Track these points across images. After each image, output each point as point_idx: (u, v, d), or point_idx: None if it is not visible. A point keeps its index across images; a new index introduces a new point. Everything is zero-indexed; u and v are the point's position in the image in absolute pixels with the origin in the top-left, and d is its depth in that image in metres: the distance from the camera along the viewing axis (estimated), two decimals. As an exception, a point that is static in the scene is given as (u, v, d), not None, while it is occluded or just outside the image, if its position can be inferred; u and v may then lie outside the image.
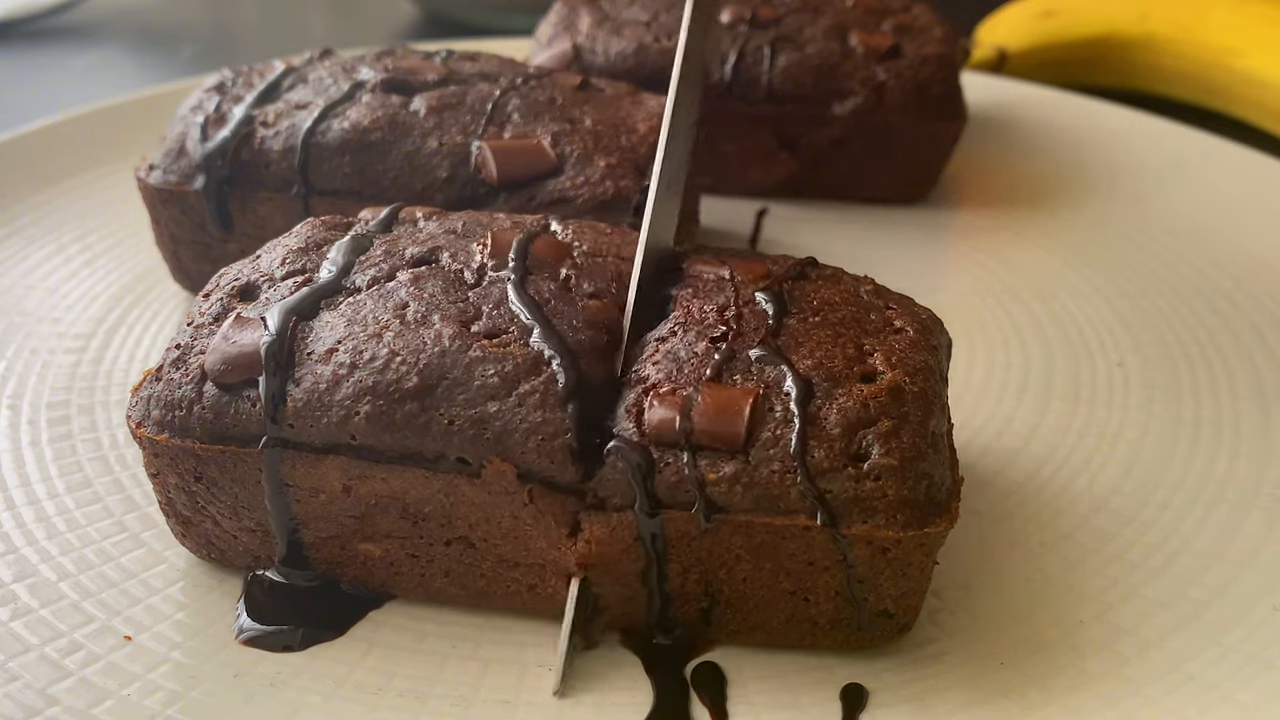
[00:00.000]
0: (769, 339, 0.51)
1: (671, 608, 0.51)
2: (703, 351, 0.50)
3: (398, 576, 0.53)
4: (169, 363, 0.52)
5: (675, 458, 0.47)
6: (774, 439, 0.47)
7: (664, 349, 0.51)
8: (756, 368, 0.49)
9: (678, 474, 0.47)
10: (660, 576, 0.49)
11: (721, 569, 0.49)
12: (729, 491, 0.47)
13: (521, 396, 0.48)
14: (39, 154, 0.93)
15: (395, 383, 0.49)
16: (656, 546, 0.48)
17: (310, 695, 0.49)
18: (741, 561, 0.49)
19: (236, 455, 0.50)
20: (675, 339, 0.51)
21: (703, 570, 0.49)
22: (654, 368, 0.50)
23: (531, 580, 0.52)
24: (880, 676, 0.50)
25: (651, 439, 0.48)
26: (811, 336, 0.51)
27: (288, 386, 0.49)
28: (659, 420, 0.48)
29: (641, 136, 0.73)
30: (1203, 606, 0.53)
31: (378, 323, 0.51)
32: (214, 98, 0.76)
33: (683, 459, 0.47)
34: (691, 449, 0.47)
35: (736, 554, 0.49)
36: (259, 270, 0.56)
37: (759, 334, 0.51)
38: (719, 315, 0.52)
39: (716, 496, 0.47)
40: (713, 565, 0.49)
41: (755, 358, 0.50)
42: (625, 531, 0.48)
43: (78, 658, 0.50)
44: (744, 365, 0.50)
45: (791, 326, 0.52)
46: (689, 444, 0.47)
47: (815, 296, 0.54)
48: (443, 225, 0.58)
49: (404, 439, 0.49)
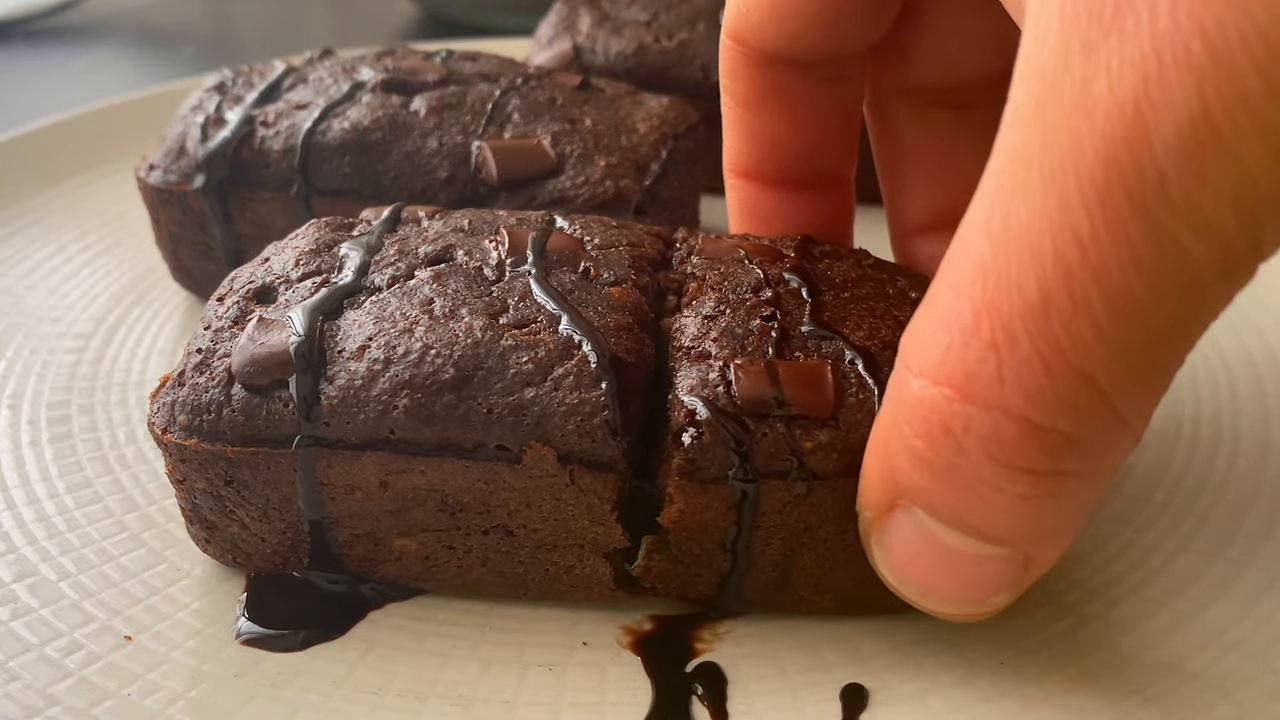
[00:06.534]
0: (816, 315, 0.52)
1: (747, 576, 0.51)
2: (758, 329, 0.51)
3: (433, 569, 0.53)
4: (191, 367, 0.52)
5: (771, 428, 0.48)
6: (858, 404, 0.48)
7: (718, 326, 0.51)
8: (813, 343, 0.51)
9: (775, 443, 0.48)
10: (745, 544, 0.50)
11: (805, 533, 0.49)
12: (825, 458, 0.47)
13: (557, 380, 0.49)
14: (39, 154, 0.93)
15: (432, 375, 0.49)
16: (748, 515, 0.49)
17: (310, 695, 0.49)
18: (826, 524, 0.49)
19: (269, 456, 0.50)
20: (725, 317, 0.52)
21: (785, 536, 0.50)
22: (714, 344, 0.51)
23: (570, 562, 0.52)
24: (880, 676, 0.50)
25: (744, 409, 0.48)
26: (849, 311, 0.53)
27: (321, 385, 0.50)
28: (751, 391, 0.48)
29: (641, 136, 0.73)
30: (1203, 606, 0.53)
31: (407, 319, 0.51)
32: (214, 98, 0.76)
33: (778, 428, 0.48)
34: (786, 418, 0.48)
35: (823, 518, 0.49)
36: (272, 272, 0.56)
37: (803, 311, 0.52)
38: (755, 294, 0.53)
39: (812, 463, 0.48)
40: (797, 530, 0.49)
41: (808, 334, 0.51)
42: (719, 501, 0.48)
43: (78, 658, 0.50)
44: (800, 341, 0.51)
45: (827, 303, 0.53)
46: (783, 413, 0.48)
47: (834, 273, 0.56)
48: (449, 224, 0.59)
49: (443, 430, 0.49)
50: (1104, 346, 0.35)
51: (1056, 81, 0.34)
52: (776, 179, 0.60)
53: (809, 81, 0.57)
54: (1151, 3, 0.31)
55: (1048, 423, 0.36)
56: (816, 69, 0.56)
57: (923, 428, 0.39)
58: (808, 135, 0.59)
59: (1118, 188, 0.32)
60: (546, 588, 0.53)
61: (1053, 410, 0.36)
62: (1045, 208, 0.34)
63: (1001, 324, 0.36)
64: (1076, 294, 0.34)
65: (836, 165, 0.61)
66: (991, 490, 0.39)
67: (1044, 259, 0.34)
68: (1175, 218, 0.32)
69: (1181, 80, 0.31)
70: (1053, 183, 0.34)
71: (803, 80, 0.56)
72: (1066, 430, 0.37)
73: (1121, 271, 0.33)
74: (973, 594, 0.44)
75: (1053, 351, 0.35)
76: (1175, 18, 0.31)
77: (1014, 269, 0.35)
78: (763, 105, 0.57)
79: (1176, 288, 0.34)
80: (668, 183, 0.72)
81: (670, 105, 0.77)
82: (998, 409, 0.37)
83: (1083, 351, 0.35)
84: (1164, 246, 0.33)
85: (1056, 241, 0.34)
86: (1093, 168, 0.33)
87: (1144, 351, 0.35)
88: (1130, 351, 0.35)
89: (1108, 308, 0.34)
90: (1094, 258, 0.33)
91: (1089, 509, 0.41)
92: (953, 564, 0.42)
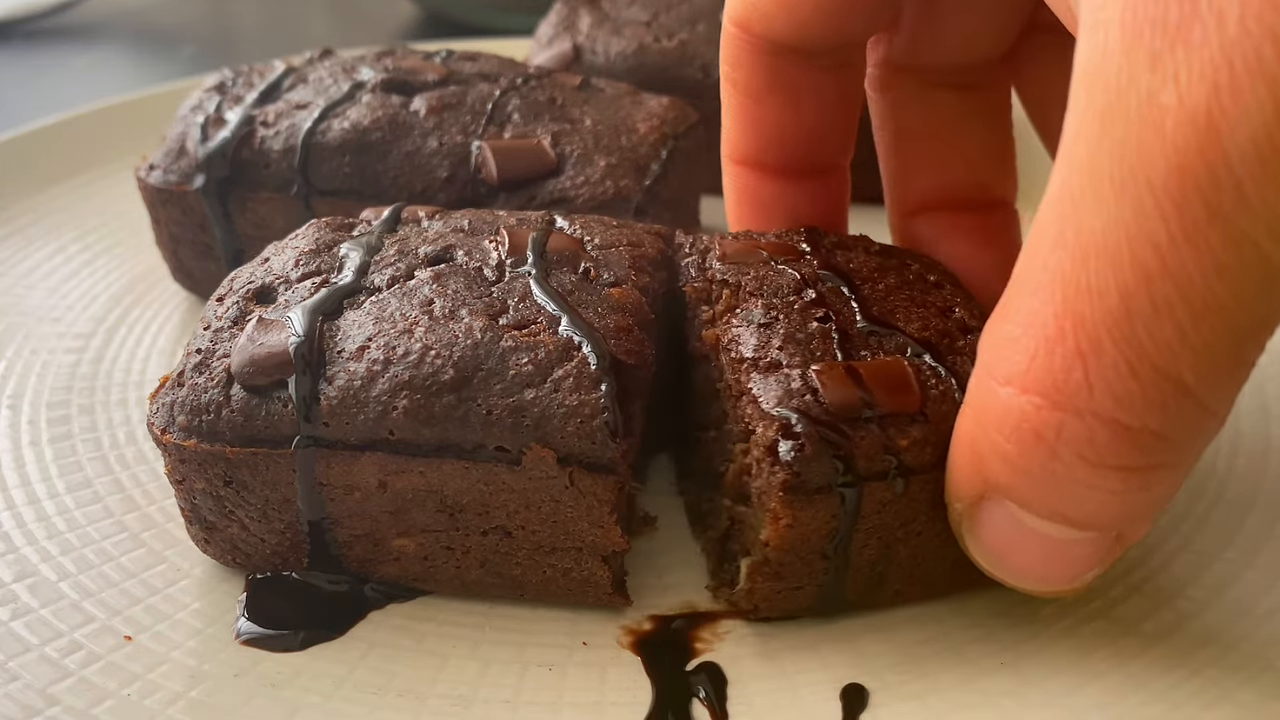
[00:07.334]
0: (866, 311, 0.52)
1: (846, 580, 0.51)
2: (818, 332, 0.51)
3: (431, 570, 0.53)
4: (190, 367, 0.52)
5: (866, 430, 0.48)
6: (941, 395, 0.49)
7: (777, 333, 0.51)
8: (874, 339, 0.51)
9: (873, 445, 0.47)
10: (844, 549, 0.49)
11: (900, 529, 0.50)
12: (919, 453, 0.48)
13: (557, 382, 0.49)
14: (39, 154, 0.93)
15: (431, 376, 0.49)
16: (849, 520, 0.48)
17: (310, 695, 0.49)
18: (920, 518, 0.49)
19: (269, 457, 0.50)
20: (781, 323, 0.52)
21: (882, 534, 0.50)
22: (781, 352, 0.50)
23: (567, 565, 0.52)
24: (880, 676, 0.50)
25: (838, 415, 0.48)
26: (891, 303, 0.53)
27: (320, 386, 0.50)
28: (841, 396, 0.48)
29: (641, 136, 0.73)
30: (1203, 606, 0.53)
31: (406, 319, 0.51)
32: (214, 98, 0.76)
33: (873, 429, 0.47)
34: (879, 418, 0.48)
35: (916, 512, 0.49)
36: (271, 272, 0.56)
37: (851, 309, 0.53)
38: (798, 296, 0.53)
39: (909, 460, 0.48)
40: (893, 527, 0.49)
41: (866, 331, 0.51)
42: (824, 510, 0.48)
43: (78, 658, 0.50)
44: (861, 340, 0.51)
45: (869, 296, 0.54)
46: (874, 414, 0.48)
47: (857, 265, 0.56)
48: (449, 224, 0.59)
49: (443, 431, 0.49)
50: (1189, 349, 0.35)
51: (1121, 93, 0.34)
52: (776, 167, 0.60)
53: (813, 70, 0.57)
54: (1219, 11, 0.32)
55: (1138, 424, 0.37)
56: (821, 57, 0.57)
57: (1014, 434, 0.40)
58: (809, 123, 0.59)
59: (1194, 196, 0.33)
60: (544, 590, 0.53)
61: (1142, 411, 0.37)
62: (1120, 217, 0.35)
63: (1086, 332, 0.37)
64: (1158, 300, 0.35)
65: (835, 153, 0.61)
66: (1085, 488, 0.40)
67: (1123, 267, 0.35)
68: (1254, 223, 0.33)
69: (1254, 87, 0.31)
70: (1125, 193, 0.34)
71: (807, 69, 0.57)
72: (1156, 428, 0.38)
73: (1203, 277, 0.34)
74: (1067, 573, 0.45)
75: (1139, 357, 0.36)
76: (1245, 25, 0.31)
77: (1093, 278, 0.36)
78: (766, 94, 0.58)
79: (1258, 289, 0.34)
80: (668, 183, 0.72)
81: (670, 105, 0.77)
82: (1088, 414, 0.38)
83: (1168, 355, 0.36)
84: (1244, 251, 0.33)
85: (1134, 249, 0.35)
86: (1166, 177, 0.33)
87: (1228, 349, 0.36)
88: (1215, 351, 0.36)
89: (1190, 312, 0.35)
90: (1173, 264, 0.34)
91: (1178, 488, 0.42)
92: (1047, 548, 0.44)
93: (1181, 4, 0.32)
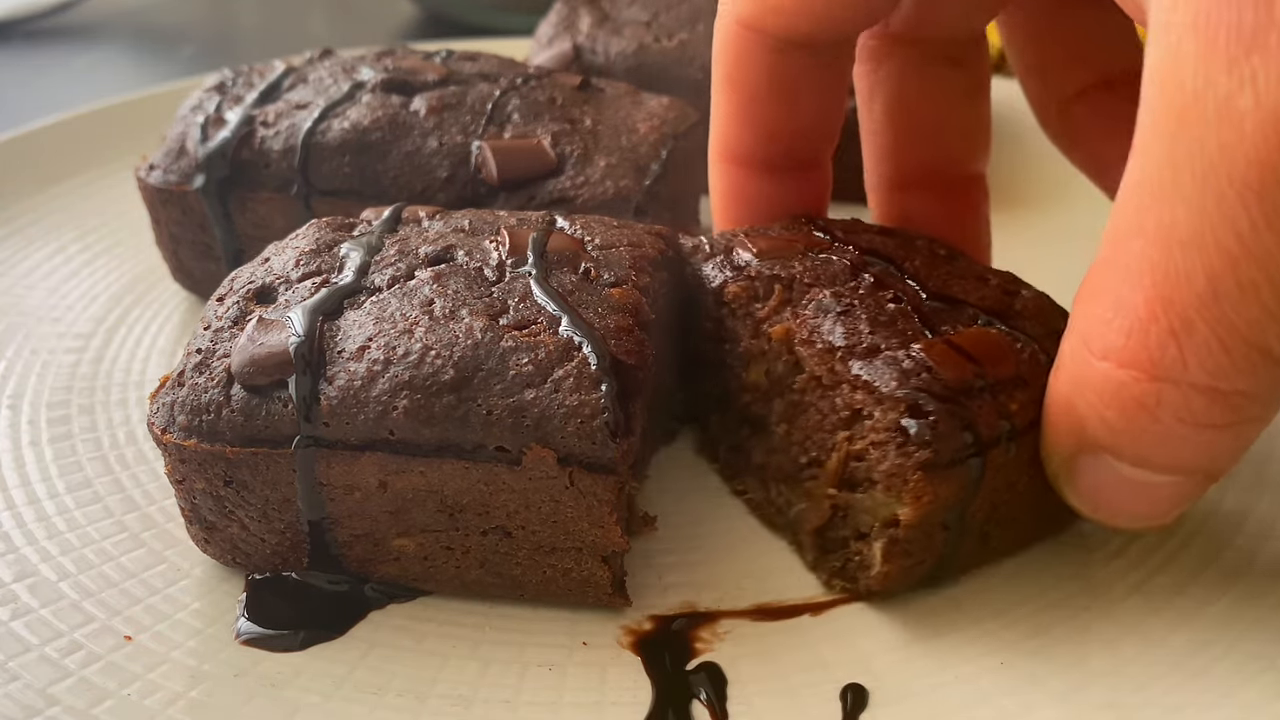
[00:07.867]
0: (926, 287, 0.55)
1: (963, 545, 0.52)
2: (897, 313, 0.53)
3: (431, 570, 0.53)
4: (190, 367, 0.52)
5: (982, 399, 0.49)
6: (1030, 358, 0.51)
7: (860, 319, 0.52)
8: (946, 313, 0.53)
9: (990, 413, 0.49)
10: (962, 516, 0.51)
11: (1006, 490, 0.51)
12: (1026, 414, 0.50)
13: (557, 382, 0.49)
14: (39, 154, 0.94)
15: (432, 376, 0.49)
16: (972, 488, 0.50)
17: (310, 695, 0.49)
18: (1022, 477, 0.51)
19: (269, 457, 0.50)
20: (859, 309, 0.53)
21: (991, 496, 0.51)
22: (874, 336, 0.51)
23: (567, 565, 0.52)
24: (880, 676, 0.50)
25: (957, 389, 0.49)
26: (940, 278, 0.56)
27: (321, 385, 0.50)
28: (955, 371, 0.50)
29: (641, 136, 0.73)
30: (1203, 606, 0.53)
31: (406, 319, 0.51)
32: (214, 98, 0.76)
33: (986, 398, 0.49)
34: (990, 387, 0.50)
35: (1020, 471, 0.51)
36: (272, 272, 0.56)
37: (912, 288, 0.55)
38: (857, 281, 0.55)
39: (1018, 423, 0.49)
40: (1000, 488, 0.51)
41: (934, 308, 0.53)
42: (955, 483, 0.49)
43: (78, 658, 0.50)
44: (935, 315, 0.53)
45: (921, 275, 0.56)
46: (984, 383, 0.50)
47: (886, 246, 0.58)
48: (449, 224, 0.59)
49: (443, 431, 0.49)
50: (1275, 322, 0.39)
51: (1198, 95, 0.37)
52: (766, 164, 0.62)
53: (814, 65, 0.58)
54: None
55: (1230, 388, 0.41)
56: (825, 51, 0.58)
57: (1114, 402, 0.44)
58: (804, 119, 0.60)
59: (1273, 188, 0.36)
60: (544, 590, 0.53)
61: (1233, 378, 0.41)
62: (1203, 208, 0.38)
63: (1178, 314, 0.40)
64: (1244, 281, 0.38)
65: (821, 148, 0.63)
66: (1180, 443, 0.44)
67: (1208, 253, 0.38)
68: None
69: None
70: (1207, 187, 0.37)
71: (810, 64, 0.58)
72: (1246, 389, 0.41)
73: None
74: (1161, 511, 0.49)
75: (1229, 333, 0.39)
76: None
77: (1180, 264, 0.39)
78: (768, 92, 0.58)
79: None
80: (668, 183, 0.72)
81: (670, 105, 0.77)
82: (1185, 384, 0.41)
83: (1257, 329, 0.39)
84: None
85: (1218, 237, 0.38)
86: (1246, 172, 0.36)
87: None
88: None
89: (1274, 290, 0.38)
90: (1256, 249, 0.37)
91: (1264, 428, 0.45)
92: (1144, 492, 0.48)
93: (1257, 10, 0.35)
